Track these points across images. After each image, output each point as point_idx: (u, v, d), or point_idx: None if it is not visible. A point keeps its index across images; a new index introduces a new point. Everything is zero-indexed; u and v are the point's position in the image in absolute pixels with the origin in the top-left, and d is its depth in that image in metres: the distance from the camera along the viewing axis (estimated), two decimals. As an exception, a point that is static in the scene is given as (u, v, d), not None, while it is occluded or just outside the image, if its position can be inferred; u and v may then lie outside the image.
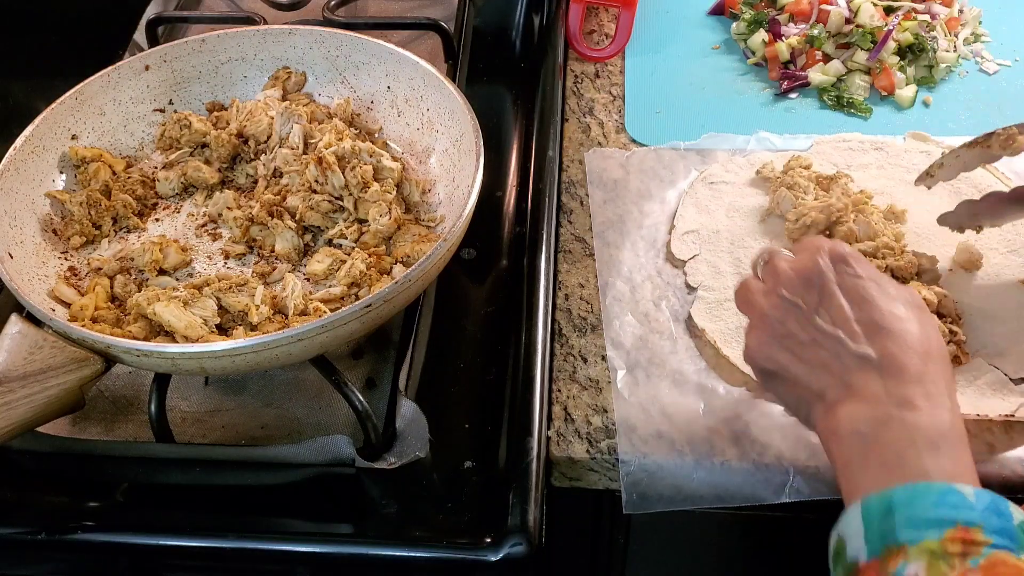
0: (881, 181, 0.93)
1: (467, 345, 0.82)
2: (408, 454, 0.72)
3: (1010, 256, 0.86)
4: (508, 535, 0.67)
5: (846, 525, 0.57)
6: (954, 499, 0.54)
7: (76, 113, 0.90)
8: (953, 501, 0.54)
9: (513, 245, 0.89)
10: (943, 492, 0.54)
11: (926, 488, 0.55)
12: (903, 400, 0.59)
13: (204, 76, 0.96)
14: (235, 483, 0.73)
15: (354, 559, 0.69)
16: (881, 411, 0.59)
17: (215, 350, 0.69)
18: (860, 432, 0.59)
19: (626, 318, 0.84)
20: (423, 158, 0.91)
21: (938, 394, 0.59)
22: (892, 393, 0.59)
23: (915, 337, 0.62)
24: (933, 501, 0.54)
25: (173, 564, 0.73)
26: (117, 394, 0.80)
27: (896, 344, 0.61)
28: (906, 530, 0.53)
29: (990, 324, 0.81)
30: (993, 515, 0.53)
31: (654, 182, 0.96)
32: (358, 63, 0.95)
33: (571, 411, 0.78)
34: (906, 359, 0.60)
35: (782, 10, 1.12)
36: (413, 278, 0.72)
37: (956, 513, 0.53)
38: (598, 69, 1.11)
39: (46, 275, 0.82)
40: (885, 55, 1.05)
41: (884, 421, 0.59)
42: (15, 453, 0.75)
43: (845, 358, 0.62)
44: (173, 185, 0.90)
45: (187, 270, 0.84)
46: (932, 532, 0.53)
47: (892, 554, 0.53)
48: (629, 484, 0.74)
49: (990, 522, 0.53)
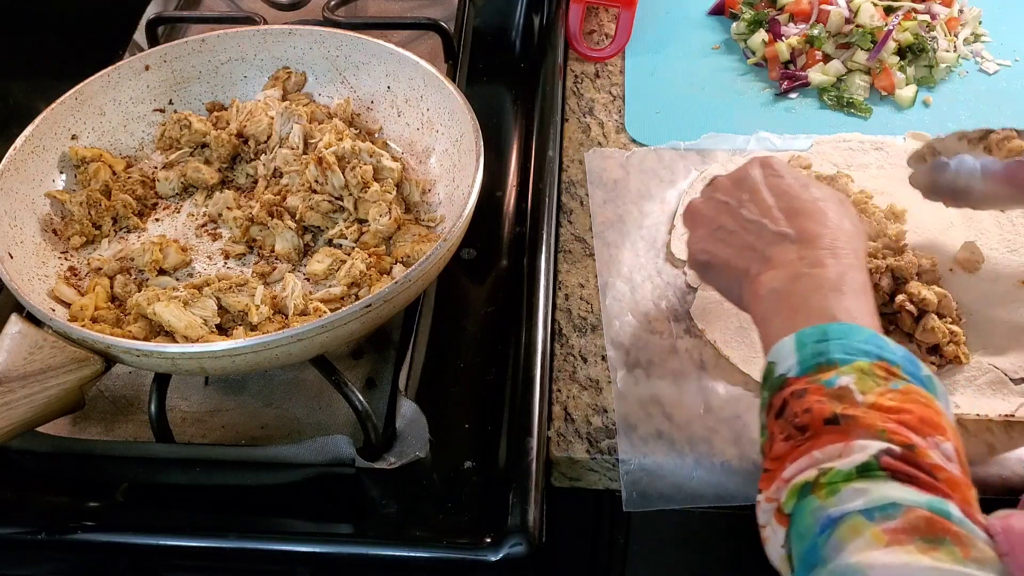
0: (881, 181, 0.93)
1: (467, 345, 0.82)
2: (408, 454, 0.72)
3: (1010, 256, 0.86)
4: (508, 535, 0.67)
5: (776, 353, 0.62)
6: (879, 342, 0.60)
7: (76, 113, 0.90)
8: (878, 343, 0.60)
9: (513, 245, 0.89)
10: (871, 335, 0.60)
11: (858, 328, 0.61)
12: (814, 261, 0.66)
13: (204, 76, 0.96)
14: (235, 483, 0.73)
15: (354, 559, 0.70)
16: (793, 270, 0.66)
17: (215, 350, 0.69)
18: (775, 289, 0.66)
19: (626, 318, 0.84)
20: (423, 158, 0.91)
21: (846, 256, 0.66)
22: (804, 257, 0.66)
23: (829, 217, 0.69)
24: (863, 338, 0.60)
25: (173, 564, 0.73)
26: (117, 394, 0.80)
27: (811, 221, 0.69)
28: (839, 353, 0.59)
29: (990, 324, 0.81)
30: (909, 363, 0.60)
31: (654, 182, 0.96)
32: (358, 63, 0.95)
33: (571, 411, 0.78)
34: (819, 231, 0.68)
35: (782, 10, 1.12)
36: (413, 278, 0.72)
37: (881, 352, 0.59)
38: (598, 69, 1.11)
39: (46, 275, 0.82)
40: (885, 55, 1.05)
41: (796, 278, 0.65)
42: (15, 453, 0.75)
43: (766, 237, 0.69)
44: (173, 185, 0.90)
45: (187, 270, 0.84)
46: (862, 358, 0.59)
47: (824, 369, 0.59)
48: (629, 483, 0.74)
49: (907, 367, 0.59)
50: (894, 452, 0.53)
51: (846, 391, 0.57)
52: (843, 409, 0.56)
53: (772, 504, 0.57)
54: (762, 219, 0.70)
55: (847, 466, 0.53)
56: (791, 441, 0.57)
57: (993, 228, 0.89)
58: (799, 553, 0.54)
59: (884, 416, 0.55)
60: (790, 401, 0.59)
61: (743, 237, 0.71)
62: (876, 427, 0.55)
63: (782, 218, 0.70)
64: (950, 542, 0.50)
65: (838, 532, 0.52)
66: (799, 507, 0.54)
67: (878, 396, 0.56)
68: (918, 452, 0.54)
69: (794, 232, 0.68)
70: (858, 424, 0.55)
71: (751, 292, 0.68)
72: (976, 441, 0.74)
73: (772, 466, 0.58)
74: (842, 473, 0.53)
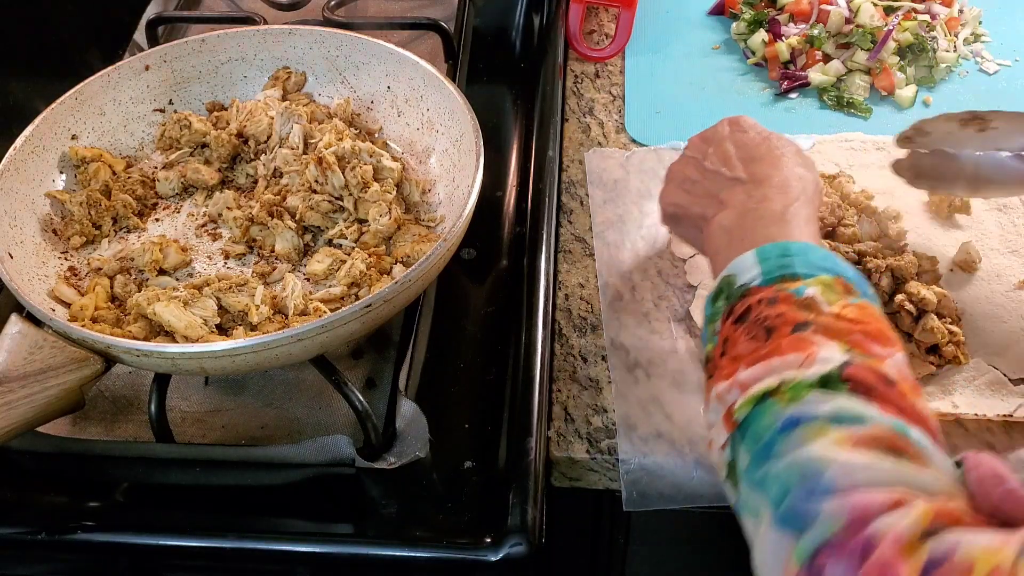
0: (882, 181, 0.93)
1: (467, 345, 0.82)
2: (408, 454, 0.72)
3: (1010, 256, 0.86)
4: (508, 535, 0.67)
5: (736, 266, 0.64)
6: (834, 260, 0.63)
7: (76, 113, 0.90)
8: (834, 261, 0.63)
9: (513, 245, 0.89)
10: (826, 254, 0.64)
11: (815, 247, 0.64)
12: (760, 198, 0.69)
13: (204, 76, 0.96)
14: (235, 483, 0.73)
15: (354, 559, 0.70)
16: (742, 208, 0.70)
17: (215, 350, 0.69)
18: (724, 226, 0.70)
19: (626, 318, 0.84)
20: (423, 158, 0.91)
21: (793, 192, 0.69)
22: (752, 196, 0.70)
23: (782, 162, 0.72)
24: (821, 256, 0.63)
25: (173, 564, 0.73)
26: (117, 394, 0.80)
27: (763, 165, 0.72)
28: (803, 268, 0.62)
29: (990, 324, 0.81)
30: (861, 281, 0.63)
31: (654, 182, 0.96)
32: (358, 63, 0.95)
33: (571, 411, 0.78)
34: (769, 172, 0.71)
35: (782, 10, 1.12)
36: (413, 278, 0.72)
37: (839, 269, 0.62)
38: (598, 69, 1.11)
39: (46, 275, 0.82)
40: (885, 55, 1.05)
41: (743, 214, 0.69)
42: (15, 453, 0.75)
43: (722, 182, 0.73)
44: (173, 185, 0.90)
45: (187, 270, 0.84)
46: (824, 274, 0.61)
47: (788, 280, 0.61)
48: (629, 483, 0.74)
49: (861, 286, 0.62)
50: (855, 363, 0.55)
51: (813, 301, 0.59)
52: (814, 316, 0.58)
53: (722, 405, 0.58)
54: (721, 168, 0.74)
55: (810, 377, 0.55)
56: (755, 342, 0.59)
57: (994, 228, 0.89)
58: (753, 451, 0.54)
59: (849, 325, 0.58)
60: (756, 307, 0.61)
61: (704, 185, 0.75)
62: (842, 337, 0.57)
63: (739, 165, 0.73)
64: (909, 459, 0.51)
65: (802, 431, 0.52)
66: (756, 411, 0.55)
67: (841, 308, 0.59)
68: (876, 363, 0.56)
69: (747, 175, 0.72)
70: (828, 331, 0.57)
71: (706, 234, 0.71)
72: (976, 441, 0.74)
73: (727, 364, 0.60)
74: (804, 382, 0.55)
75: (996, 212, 0.90)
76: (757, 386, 0.56)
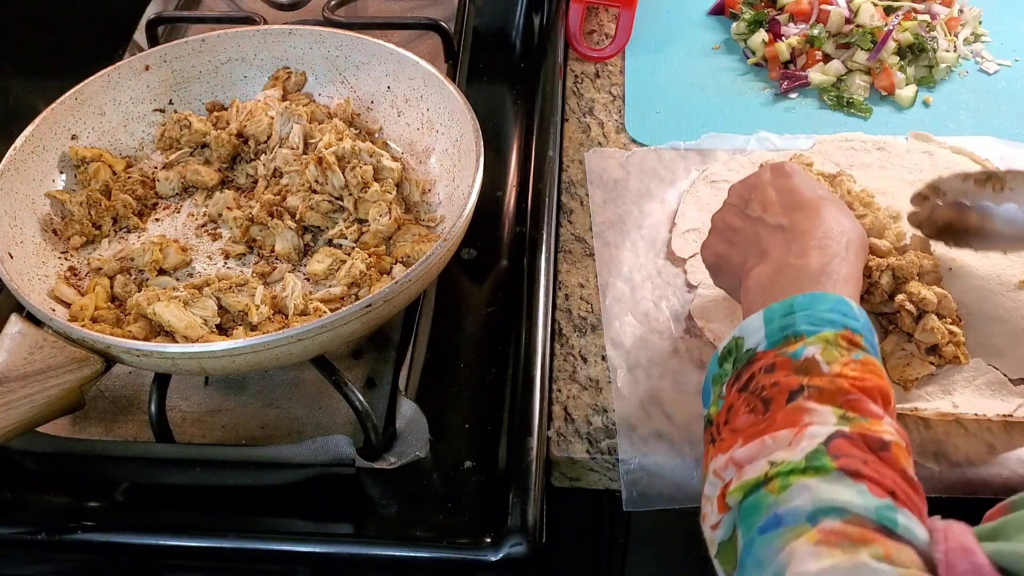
0: (882, 181, 0.93)
1: (467, 345, 0.82)
2: (408, 454, 0.72)
3: (1010, 257, 0.86)
4: (508, 535, 0.67)
5: (744, 328, 0.64)
6: (844, 308, 0.62)
7: (76, 113, 0.90)
8: (844, 310, 0.62)
9: (513, 245, 0.89)
10: (837, 301, 0.62)
11: (823, 296, 0.63)
12: (800, 252, 0.67)
13: (204, 76, 0.96)
14: (235, 483, 0.73)
15: (354, 559, 0.69)
16: (781, 262, 0.67)
17: (215, 350, 0.69)
18: (761, 283, 0.67)
19: (626, 318, 0.84)
20: (423, 158, 0.91)
21: (835, 248, 0.67)
22: (791, 248, 0.68)
23: (825, 211, 0.69)
24: (828, 307, 0.62)
25: (173, 564, 0.73)
26: (117, 394, 0.80)
27: (804, 215, 0.69)
28: (805, 324, 0.61)
29: (990, 324, 0.81)
30: (869, 332, 0.62)
31: (654, 182, 0.96)
32: (358, 63, 0.95)
33: (571, 411, 0.78)
34: (812, 223, 0.68)
35: (782, 10, 1.12)
36: (413, 278, 0.72)
37: (846, 320, 0.61)
38: (598, 69, 1.11)
39: (46, 275, 0.82)
40: (885, 55, 1.05)
41: (780, 270, 0.67)
42: (15, 453, 0.75)
43: (763, 230, 0.71)
44: (173, 185, 0.90)
45: (187, 270, 0.84)
46: (828, 327, 0.61)
47: (791, 342, 0.61)
48: (629, 483, 0.74)
49: (868, 336, 0.62)
50: (845, 433, 0.55)
51: (812, 362, 0.59)
52: (809, 380, 0.58)
53: (718, 481, 0.58)
54: (764, 214, 0.72)
55: (797, 459, 0.55)
56: (754, 415, 0.59)
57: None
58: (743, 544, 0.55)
59: (848, 382, 0.58)
60: (757, 375, 0.60)
61: (745, 233, 0.73)
62: (837, 399, 0.57)
63: (781, 212, 0.71)
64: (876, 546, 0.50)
65: (781, 534, 0.53)
66: (748, 503, 0.56)
67: (842, 366, 0.59)
68: (872, 424, 0.56)
69: (788, 223, 0.70)
70: (822, 395, 0.57)
71: (744, 288, 0.69)
72: (976, 441, 0.74)
73: (728, 437, 0.60)
74: (792, 468, 0.54)
75: (996, 212, 0.90)
76: (750, 472, 0.56)
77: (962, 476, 0.73)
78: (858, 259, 0.68)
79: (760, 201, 0.73)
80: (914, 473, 0.56)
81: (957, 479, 0.73)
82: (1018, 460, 0.73)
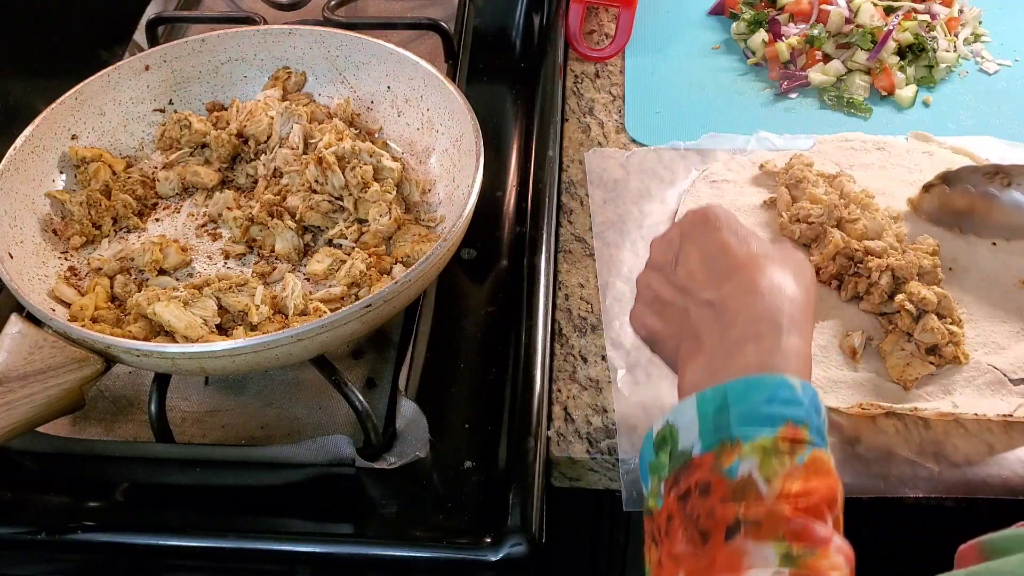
0: (882, 181, 0.93)
1: (467, 345, 0.82)
2: (408, 454, 0.72)
3: (1011, 257, 0.86)
4: (508, 535, 0.67)
5: (679, 414, 0.58)
6: (786, 393, 0.55)
7: (76, 113, 0.90)
8: (785, 395, 0.55)
9: (513, 245, 0.89)
10: (776, 386, 0.55)
11: (759, 381, 0.56)
12: (733, 347, 0.59)
13: (204, 76, 0.96)
14: (235, 483, 0.73)
15: (354, 559, 0.69)
16: (712, 355, 0.59)
17: (215, 350, 0.69)
18: (695, 383, 0.59)
19: (626, 318, 0.84)
20: (423, 158, 0.91)
21: (773, 331, 0.58)
22: (725, 336, 0.59)
23: (762, 279, 0.60)
24: (766, 396, 0.55)
25: (173, 564, 0.73)
26: (117, 394, 0.80)
27: (737, 285, 0.60)
28: (741, 427, 0.55)
29: (990, 324, 0.81)
30: (815, 413, 0.56)
31: (654, 182, 0.96)
32: (358, 63, 0.95)
33: (571, 411, 0.78)
34: (745, 302, 0.59)
35: (782, 10, 1.12)
36: (413, 278, 0.72)
37: (787, 410, 0.55)
38: (598, 69, 1.11)
39: (46, 275, 0.82)
40: (885, 55, 1.05)
41: (714, 366, 0.59)
42: (15, 453, 0.75)
43: (693, 308, 0.62)
44: (173, 185, 0.90)
45: (187, 270, 0.84)
46: (766, 430, 0.54)
47: (727, 449, 0.54)
48: (629, 483, 0.74)
49: (812, 421, 0.55)
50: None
51: (749, 483, 0.53)
52: (745, 510, 0.53)
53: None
54: (691, 285, 0.63)
55: None
56: (692, 546, 0.54)
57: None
58: None
59: (790, 510, 0.52)
60: (693, 493, 0.55)
61: (675, 308, 0.64)
62: (778, 532, 0.52)
63: (709, 282, 0.62)
64: None
65: None
66: None
67: (783, 481, 0.53)
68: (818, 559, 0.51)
69: (718, 299, 0.61)
70: (760, 531, 0.52)
71: (680, 380, 0.62)
72: (976, 441, 0.74)
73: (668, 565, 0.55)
74: None
75: (996, 212, 0.90)
76: None
77: (962, 476, 0.73)
78: (804, 324, 0.60)
79: (685, 265, 0.64)
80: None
81: (957, 479, 0.73)
82: (1018, 460, 0.73)
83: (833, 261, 0.83)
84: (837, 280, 0.84)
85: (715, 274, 0.62)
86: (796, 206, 0.88)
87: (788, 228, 0.88)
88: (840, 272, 0.83)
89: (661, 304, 0.65)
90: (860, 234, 0.84)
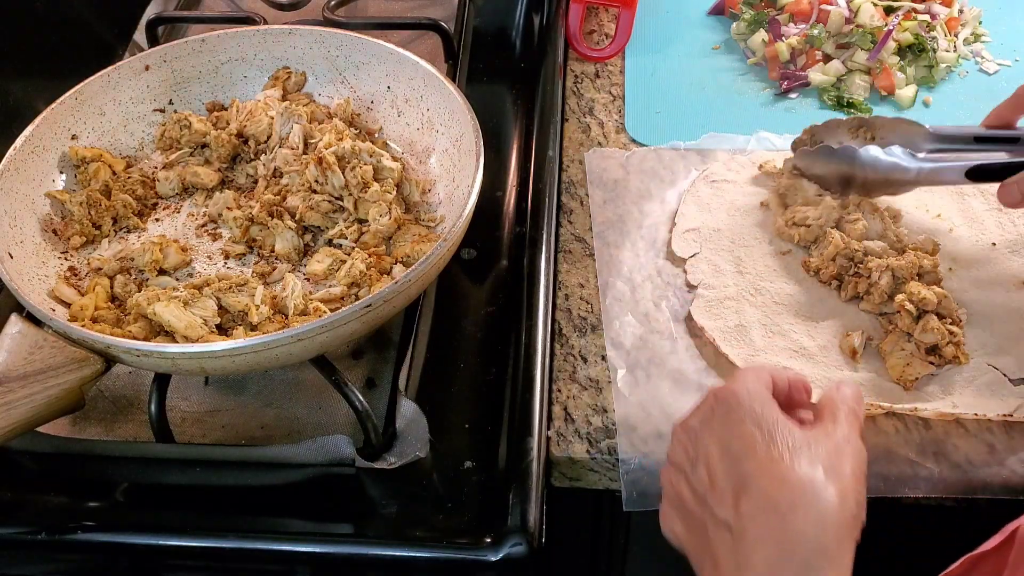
0: (881, 181, 0.93)
1: (467, 345, 0.82)
2: (408, 454, 0.72)
3: (1011, 257, 0.86)
4: (508, 535, 0.67)
5: None
6: None
7: (76, 113, 0.90)
8: None
9: (513, 245, 0.89)
10: None
11: None
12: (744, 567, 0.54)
13: (204, 76, 0.96)
14: (235, 483, 0.73)
15: (354, 559, 0.69)
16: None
17: (215, 350, 0.69)
18: None
19: (626, 318, 0.84)
20: (423, 158, 0.91)
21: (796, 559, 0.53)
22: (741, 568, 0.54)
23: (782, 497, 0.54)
24: None
25: (173, 564, 0.73)
26: (117, 394, 0.80)
27: (755, 503, 0.55)
28: None
29: (990, 324, 0.81)
30: None
31: (654, 182, 0.96)
32: (358, 63, 0.95)
33: (571, 411, 0.78)
34: (764, 523, 0.54)
35: (782, 10, 1.12)
36: (413, 278, 0.72)
37: None
38: (598, 69, 1.11)
39: (46, 275, 0.82)
40: (885, 55, 1.05)
41: None
42: (15, 453, 0.75)
43: (711, 527, 0.57)
44: (173, 185, 0.90)
45: (187, 270, 0.84)
46: None
47: None
48: (629, 483, 0.74)
49: None
50: None
51: None
52: None
53: None
54: (709, 495, 0.58)
55: None
56: None
57: (994, 228, 0.89)
58: None
59: None
60: None
61: (696, 520, 0.59)
62: None
63: (728, 496, 0.56)
64: None
65: None
66: None
67: None
68: None
69: (736, 522, 0.55)
70: None
71: None
72: (976, 441, 0.74)
73: None
74: None
75: (996, 212, 0.90)
76: None
77: (962, 476, 0.73)
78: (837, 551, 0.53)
79: (705, 464, 0.58)
80: None
81: (957, 479, 0.73)
82: (1018, 460, 0.73)
83: (833, 262, 0.83)
84: (837, 280, 0.84)
85: (733, 482, 0.56)
86: (791, 210, 0.88)
87: (786, 232, 0.88)
88: (840, 272, 0.83)
89: (684, 510, 0.60)
90: (860, 234, 0.84)
